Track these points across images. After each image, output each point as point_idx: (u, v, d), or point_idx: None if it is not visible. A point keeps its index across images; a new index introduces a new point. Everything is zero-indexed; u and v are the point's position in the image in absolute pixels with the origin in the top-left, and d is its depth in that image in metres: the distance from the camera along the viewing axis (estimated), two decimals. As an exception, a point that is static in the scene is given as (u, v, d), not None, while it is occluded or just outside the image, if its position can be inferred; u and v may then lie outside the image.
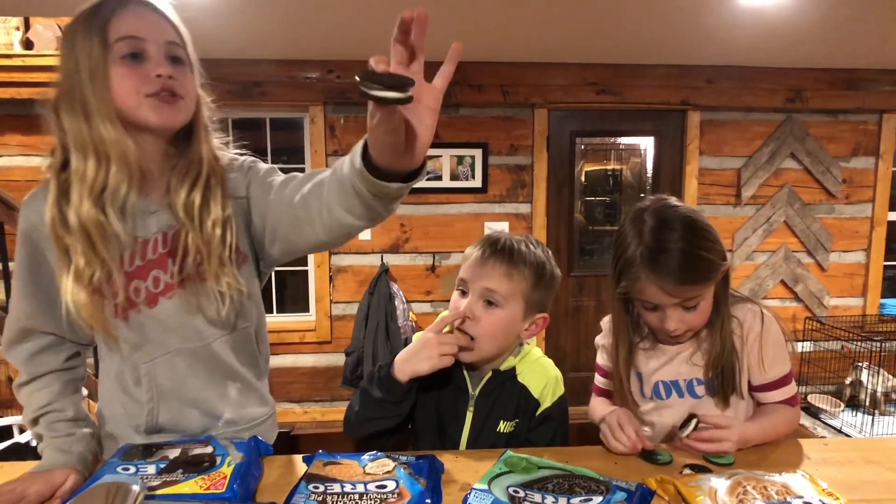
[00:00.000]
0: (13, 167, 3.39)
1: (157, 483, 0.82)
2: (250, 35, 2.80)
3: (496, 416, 1.09)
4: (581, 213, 3.83)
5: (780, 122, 3.67)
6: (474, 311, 1.04)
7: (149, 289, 0.95)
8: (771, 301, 3.78)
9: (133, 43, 0.87)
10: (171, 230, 0.94)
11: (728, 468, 0.93)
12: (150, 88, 0.87)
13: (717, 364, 1.12)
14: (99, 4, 0.88)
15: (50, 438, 0.95)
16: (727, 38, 2.92)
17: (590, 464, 0.94)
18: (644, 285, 1.04)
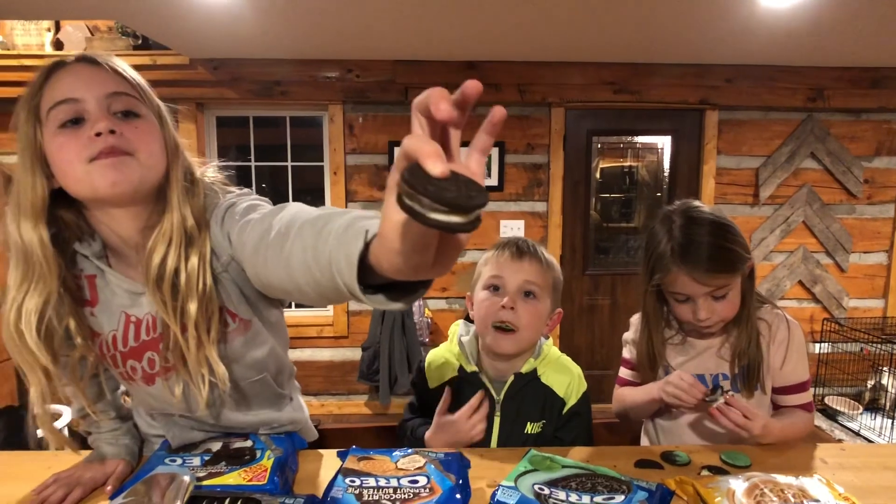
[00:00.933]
0: (42, 164, 3.48)
1: (203, 474, 0.87)
2: (271, 35, 2.85)
3: (523, 419, 1.13)
4: (596, 210, 3.84)
5: (800, 121, 3.64)
6: (516, 304, 1.09)
7: (144, 369, 0.92)
8: (788, 302, 3.78)
9: (68, 108, 0.77)
10: (160, 315, 0.85)
11: (744, 470, 0.97)
12: (91, 151, 0.76)
13: (743, 357, 1.17)
14: (34, 81, 0.80)
15: (97, 434, 1.01)
16: (747, 38, 2.92)
17: (610, 463, 0.98)
18: (676, 276, 1.12)
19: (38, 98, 0.78)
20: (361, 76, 3.41)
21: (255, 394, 1.01)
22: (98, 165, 0.76)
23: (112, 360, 0.92)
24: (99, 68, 0.80)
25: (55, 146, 0.76)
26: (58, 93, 0.77)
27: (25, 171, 0.77)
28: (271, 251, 0.68)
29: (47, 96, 0.77)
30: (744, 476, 0.85)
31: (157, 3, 2.29)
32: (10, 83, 3.20)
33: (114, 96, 0.79)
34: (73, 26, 3.27)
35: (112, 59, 0.83)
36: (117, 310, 0.88)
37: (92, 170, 0.76)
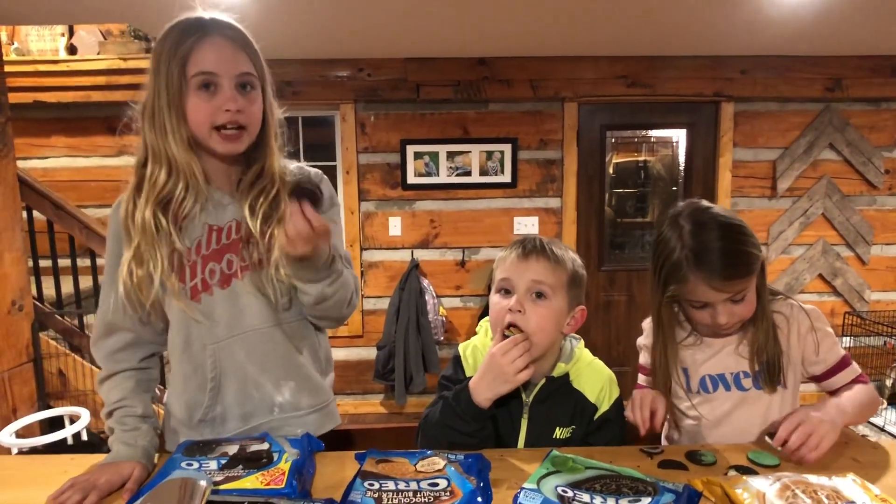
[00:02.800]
0: (59, 168, 3.52)
1: (220, 478, 0.86)
2: (282, 36, 2.85)
3: (552, 423, 1.10)
4: (610, 205, 3.80)
5: (818, 111, 3.58)
6: (525, 305, 1.05)
7: (223, 270, 1.04)
8: (808, 295, 3.71)
9: (208, 77, 0.98)
10: (244, 220, 1.04)
11: (773, 470, 0.94)
12: (220, 120, 0.99)
13: (762, 353, 1.14)
14: (182, 34, 0.98)
15: (119, 432, 1.02)
16: (762, 28, 2.86)
17: (633, 464, 0.96)
18: (693, 286, 1.08)
19: (185, 58, 0.96)
20: (373, 75, 3.40)
21: (301, 333, 1.11)
22: (219, 136, 0.99)
23: (192, 268, 1.03)
24: (236, 46, 1.00)
25: (192, 104, 0.98)
26: (201, 63, 0.97)
27: (168, 110, 0.98)
28: None
29: (193, 61, 0.97)
30: (773, 476, 0.83)
31: (169, 7, 2.29)
32: (26, 88, 3.24)
33: (242, 75, 1.00)
34: (86, 31, 3.30)
35: (243, 34, 1.02)
36: (202, 223, 1.04)
37: (214, 135, 0.99)
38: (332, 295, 1.04)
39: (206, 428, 1.08)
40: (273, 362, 1.08)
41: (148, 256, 0.99)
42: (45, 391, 2.76)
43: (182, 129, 0.99)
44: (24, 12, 2.45)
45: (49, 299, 3.01)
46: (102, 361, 1.08)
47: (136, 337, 1.08)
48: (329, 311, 1.08)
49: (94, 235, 2.93)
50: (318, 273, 1.01)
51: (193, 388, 1.07)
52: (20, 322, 2.60)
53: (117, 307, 1.04)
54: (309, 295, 1.03)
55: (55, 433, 2.42)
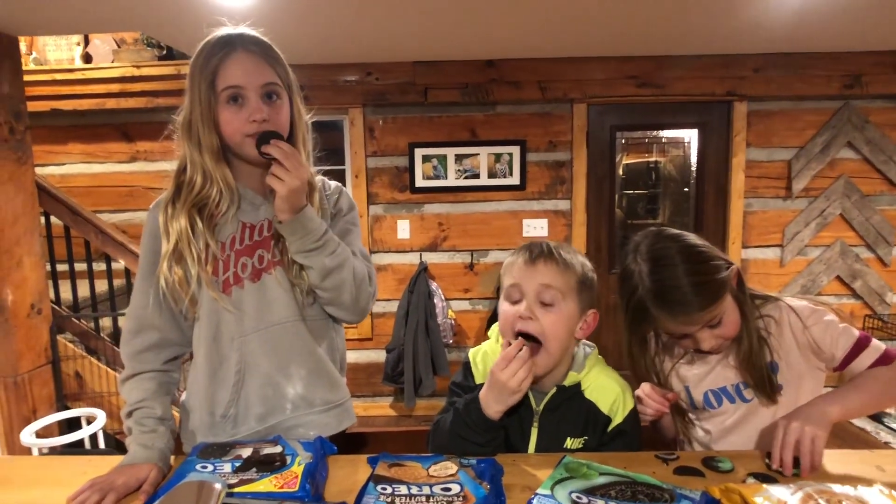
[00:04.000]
0: (76, 174, 3.57)
1: (234, 481, 0.87)
2: (291, 41, 2.83)
3: (563, 433, 1.08)
4: (621, 207, 3.78)
5: (835, 109, 3.51)
6: (535, 312, 1.03)
7: (254, 265, 1.11)
8: (826, 298, 3.64)
9: (235, 91, 1.05)
10: (275, 218, 1.08)
11: (794, 479, 0.92)
12: (248, 130, 1.05)
13: (750, 366, 1.11)
14: (210, 53, 1.05)
15: (138, 433, 1.04)
16: (776, 25, 2.82)
17: (648, 470, 0.95)
18: (664, 323, 1.07)
19: (213, 75, 1.04)
20: (381, 79, 3.41)
21: (322, 329, 1.16)
22: (249, 142, 1.05)
23: (225, 262, 1.09)
24: (260, 59, 1.06)
25: (223, 118, 1.05)
26: (229, 78, 1.04)
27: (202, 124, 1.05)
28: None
29: (221, 77, 1.04)
30: (795, 485, 0.80)
31: (181, 14, 2.32)
32: (44, 97, 3.29)
33: (267, 86, 1.06)
34: (100, 40, 3.34)
35: (267, 46, 1.08)
36: (237, 221, 1.11)
37: (245, 143, 1.06)
38: (334, 267, 1.07)
39: (226, 425, 1.10)
40: (294, 356, 1.12)
41: (185, 254, 1.06)
42: (63, 392, 2.80)
43: (213, 140, 1.06)
44: (43, 24, 2.49)
45: (66, 303, 3.06)
46: (127, 360, 1.11)
47: (163, 338, 1.11)
48: (339, 291, 1.09)
49: (110, 240, 2.96)
50: (311, 238, 1.05)
51: (218, 382, 1.10)
52: (39, 325, 2.64)
53: (150, 303, 1.08)
54: (313, 269, 1.07)
55: (73, 433, 2.46)
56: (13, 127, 2.49)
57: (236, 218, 1.11)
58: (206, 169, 1.07)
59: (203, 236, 1.06)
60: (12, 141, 2.48)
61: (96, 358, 2.93)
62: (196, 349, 1.13)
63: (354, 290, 1.11)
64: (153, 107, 3.28)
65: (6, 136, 2.45)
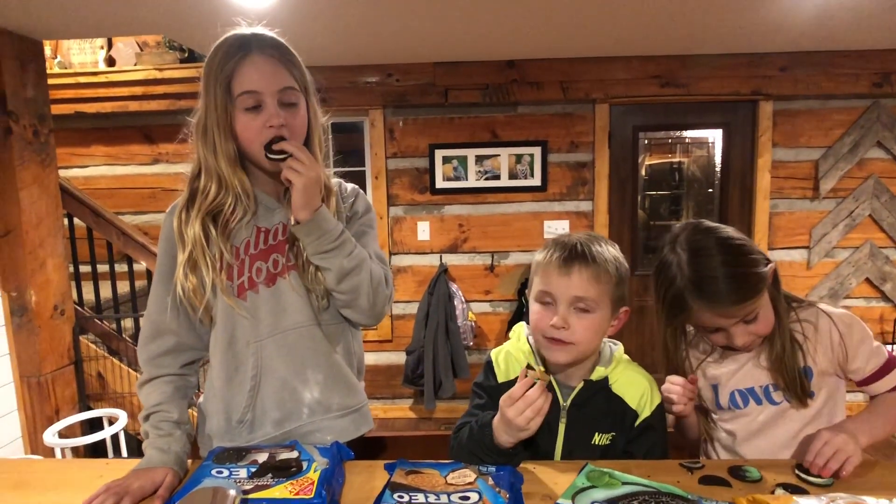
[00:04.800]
0: (99, 176, 3.63)
1: (249, 487, 0.86)
2: (311, 43, 2.87)
3: (591, 428, 1.06)
4: (643, 208, 3.72)
5: (864, 108, 3.43)
6: (568, 321, 1.01)
7: (269, 269, 1.09)
8: (854, 301, 3.56)
9: (252, 97, 1.02)
10: (290, 222, 1.07)
11: (826, 490, 0.88)
12: (266, 137, 1.02)
13: (782, 367, 1.10)
14: (225, 55, 1.02)
15: (155, 437, 1.04)
16: (803, 23, 2.76)
17: (674, 479, 0.92)
18: (699, 314, 1.06)
19: (229, 78, 1.01)
20: (401, 80, 3.40)
21: (338, 333, 1.14)
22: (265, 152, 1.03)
23: (240, 267, 1.08)
24: (276, 62, 1.03)
25: (241, 124, 1.03)
26: (245, 83, 1.01)
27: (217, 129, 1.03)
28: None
29: (237, 81, 1.01)
30: (827, 497, 0.78)
31: (202, 17, 2.34)
32: (69, 100, 3.35)
33: (283, 91, 1.03)
34: (123, 43, 3.39)
35: (284, 48, 1.05)
36: (251, 225, 1.09)
37: (261, 152, 1.03)
38: (351, 269, 1.05)
39: (242, 430, 1.10)
40: (310, 360, 1.10)
41: (200, 262, 1.05)
42: (85, 393, 2.84)
43: (229, 145, 1.04)
44: (67, 28, 2.53)
45: (88, 304, 3.10)
46: (145, 364, 1.11)
47: (180, 342, 1.11)
48: (356, 294, 1.07)
49: (132, 242, 3.00)
50: (328, 238, 1.03)
51: (234, 387, 1.09)
52: (62, 326, 2.68)
53: (167, 308, 1.08)
54: (330, 271, 1.05)
55: (94, 434, 2.48)
56: (37, 130, 2.53)
57: (251, 222, 1.10)
58: (221, 175, 1.05)
59: (217, 244, 1.05)
60: (36, 144, 2.53)
61: (118, 359, 2.97)
62: (212, 354, 1.13)
63: (371, 293, 1.09)
64: (175, 109, 3.32)
65: (30, 138, 2.50)
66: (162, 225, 1.12)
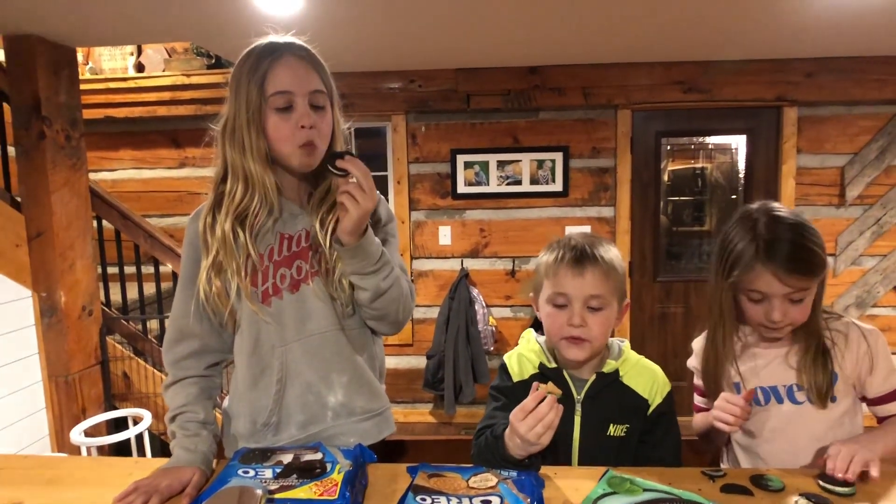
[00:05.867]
0: (127, 179, 3.71)
1: (275, 487, 0.87)
2: (335, 49, 2.88)
3: (605, 420, 1.10)
4: (666, 214, 3.69)
5: (891, 115, 3.37)
6: (585, 318, 1.07)
7: (293, 275, 1.10)
8: (882, 310, 3.49)
9: (285, 97, 1.03)
10: (313, 229, 1.10)
11: (849, 500, 0.88)
12: (298, 140, 1.05)
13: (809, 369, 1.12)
14: (259, 57, 1.04)
15: (181, 437, 1.05)
16: (830, 29, 2.72)
17: (696, 487, 0.92)
18: (757, 274, 1.08)
19: (263, 79, 1.03)
20: (423, 86, 3.43)
21: (361, 338, 1.15)
22: (298, 152, 1.05)
23: (264, 273, 1.09)
24: (307, 65, 1.06)
25: (272, 123, 1.04)
26: (278, 83, 1.03)
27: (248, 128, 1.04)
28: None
29: (270, 81, 1.03)
30: None
31: (229, 25, 2.39)
32: (99, 105, 3.44)
33: (314, 94, 1.05)
34: (153, 50, 3.47)
35: (313, 53, 1.08)
36: (275, 232, 1.10)
37: (293, 153, 1.05)
38: (387, 289, 1.08)
39: (267, 432, 1.11)
40: (335, 364, 1.12)
41: (226, 265, 1.06)
42: (111, 392, 2.89)
43: (260, 144, 1.05)
44: (99, 35, 2.61)
45: (115, 305, 3.17)
46: (170, 367, 1.12)
47: (204, 345, 1.12)
48: (387, 310, 1.11)
49: (158, 244, 3.06)
50: (370, 261, 1.05)
51: (259, 390, 1.11)
52: (90, 326, 2.74)
53: (190, 312, 1.09)
54: (366, 290, 1.07)
55: (119, 433, 2.53)
56: (69, 134, 2.60)
57: (275, 229, 1.10)
58: (248, 174, 1.05)
59: (245, 248, 1.06)
60: (68, 148, 2.60)
61: (143, 359, 3.03)
62: (237, 358, 1.14)
63: (402, 310, 1.12)
64: (202, 114, 3.38)
65: (62, 142, 2.57)
66: (186, 230, 1.13)
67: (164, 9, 2.21)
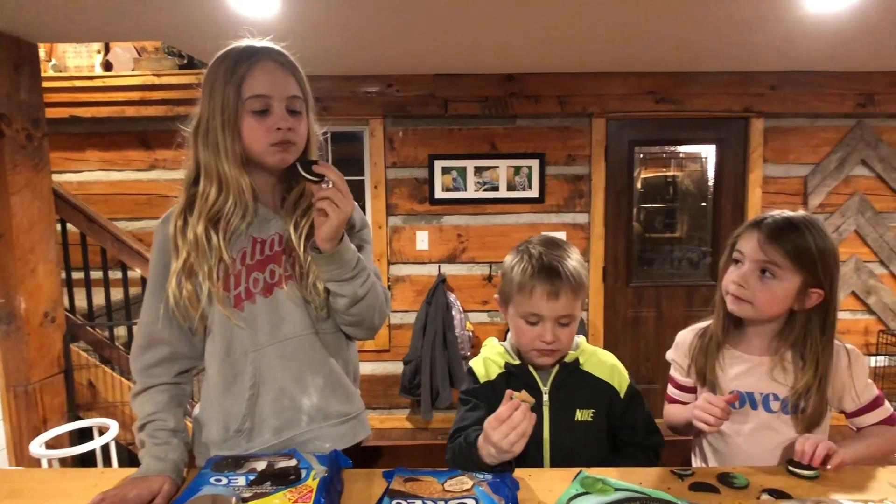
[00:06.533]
0: (93, 181, 3.61)
1: (248, 495, 0.85)
2: (312, 52, 2.89)
3: (572, 406, 1.16)
4: (639, 221, 3.76)
5: (849, 127, 3.50)
6: (558, 335, 1.12)
7: (266, 280, 1.09)
8: (841, 313, 3.60)
9: (262, 101, 1.04)
10: (287, 233, 1.10)
11: (814, 482, 0.91)
12: (273, 139, 1.05)
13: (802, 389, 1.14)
14: (236, 59, 1.04)
15: (151, 445, 1.03)
16: (793, 44, 2.82)
17: (665, 486, 0.95)
18: (745, 237, 1.19)
19: (241, 81, 1.03)
20: (401, 91, 3.43)
21: (335, 342, 1.15)
22: (273, 150, 1.06)
23: (237, 277, 1.08)
24: (286, 70, 1.07)
25: (247, 125, 1.04)
26: (256, 87, 1.03)
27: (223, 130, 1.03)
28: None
29: (248, 84, 1.03)
30: (810, 500, 0.80)
31: (203, 25, 2.36)
32: (64, 104, 3.34)
33: (291, 99, 1.06)
34: (121, 48, 3.39)
35: (290, 59, 1.09)
36: (248, 235, 1.10)
37: (268, 151, 1.05)
38: (364, 295, 1.08)
39: (240, 439, 1.09)
40: (308, 368, 1.11)
41: (197, 268, 1.04)
42: (75, 402, 2.80)
43: (236, 146, 1.04)
44: (63, 31, 2.52)
45: (80, 311, 3.08)
46: (138, 375, 1.09)
47: (174, 351, 1.10)
48: (364, 316, 1.11)
49: (126, 248, 2.99)
50: (348, 267, 1.05)
51: (232, 396, 1.09)
52: (52, 334, 2.65)
53: (160, 318, 1.07)
54: (344, 297, 1.06)
55: (84, 444, 2.44)
56: (31, 134, 2.52)
57: (248, 232, 1.09)
58: (222, 176, 1.05)
59: (218, 251, 1.05)
60: (30, 148, 2.51)
61: (110, 367, 2.94)
62: (209, 364, 1.12)
63: (378, 315, 1.13)
64: (173, 115, 3.31)
65: (23, 142, 2.48)
66: (155, 234, 1.11)
67: (135, 7, 2.16)
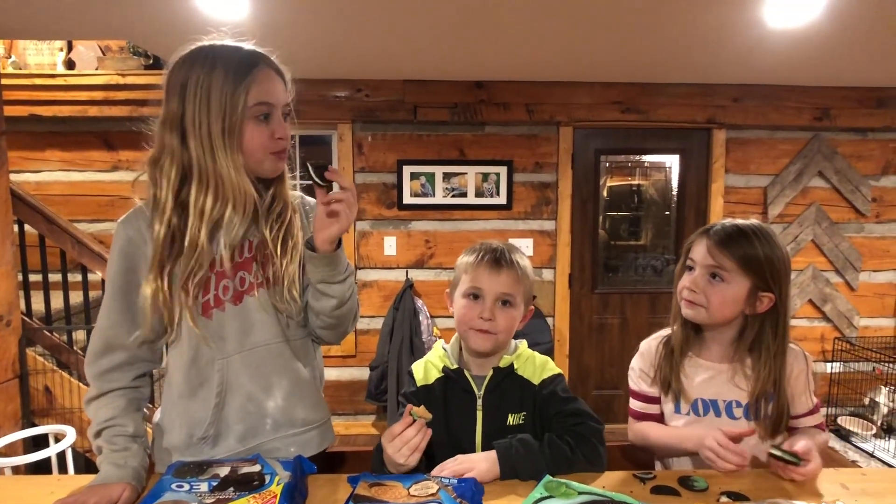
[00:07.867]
0: (52, 182, 3.51)
1: (211, 501, 0.85)
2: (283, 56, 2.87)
3: (504, 411, 1.17)
4: (604, 228, 3.83)
5: (807, 140, 3.64)
6: (495, 313, 1.15)
7: (236, 287, 1.08)
8: (798, 321, 3.73)
9: (265, 108, 1.05)
10: (256, 239, 1.09)
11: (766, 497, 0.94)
12: (273, 147, 1.07)
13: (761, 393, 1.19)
14: (240, 63, 1.03)
15: (109, 452, 1.00)
16: (754, 58, 2.92)
17: (628, 489, 0.96)
18: (696, 244, 1.22)
19: (248, 89, 1.02)
20: (371, 95, 3.43)
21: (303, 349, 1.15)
22: (272, 158, 1.07)
23: (205, 285, 1.05)
24: (282, 80, 1.09)
25: (249, 131, 1.04)
26: (261, 95, 1.03)
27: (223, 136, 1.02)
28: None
29: (254, 92, 1.03)
30: (767, 502, 0.83)
31: (168, 24, 2.32)
32: (22, 102, 3.24)
33: (286, 106, 1.09)
34: (85, 46, 3.31)
35: (287, 73, 1.11)
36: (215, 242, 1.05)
37: (266, 159, 1.07)
38: (349, 297, 1.10)
39: (204, 445, 1.07)
40: (275, 375, 1.10)
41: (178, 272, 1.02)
42: (31, 408, 2.71)
43: (238, 154, 1.03)
44: (23, 28, 2.45)
45: (38, 314, 2.98)
46: (93, 380, 1.06)
47: (132, 356, 1.07)
48: (344, 318, 1.13)
49: (87, 250, 2.91)
50: (341, 269, 1.07)
51: (198, 402, 1.07)
52: (7, 337, 2.56)
53: (118, 322, 1.04)
54: (332, 298, 1.08)
55: (39, 452, 2.37)
56: (-12, 132, 2.44)
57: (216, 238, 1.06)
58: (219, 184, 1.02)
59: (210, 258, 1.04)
60: (-13, 146, 2.43)
61: (68, 372, 2.85)
62: (173, 369, 1.10)
63: (351, 317, 1.15)
64: (137, 116, 3.22)
65: (-20, 141, 2.40)
66: (115, 236, 1.07)
67: (98, 4, 2.12)
